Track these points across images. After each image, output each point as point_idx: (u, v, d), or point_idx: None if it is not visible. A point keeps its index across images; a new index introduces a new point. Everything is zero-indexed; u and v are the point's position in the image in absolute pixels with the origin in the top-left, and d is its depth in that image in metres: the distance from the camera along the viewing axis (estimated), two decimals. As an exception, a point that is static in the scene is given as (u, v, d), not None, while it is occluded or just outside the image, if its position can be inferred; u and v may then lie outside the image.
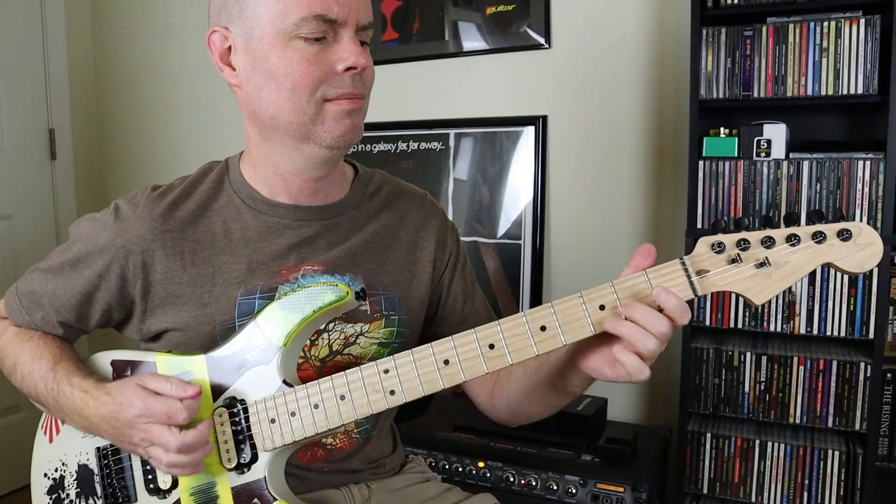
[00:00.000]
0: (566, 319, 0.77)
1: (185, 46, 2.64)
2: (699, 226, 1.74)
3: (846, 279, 1.63)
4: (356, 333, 0.96)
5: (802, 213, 1.66)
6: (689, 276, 0.75)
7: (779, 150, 1.69)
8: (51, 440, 0.99)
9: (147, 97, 2.74)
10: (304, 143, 0.88)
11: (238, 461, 0.86)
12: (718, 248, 0.75)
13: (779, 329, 1.70)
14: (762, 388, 1.72)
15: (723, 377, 1.75)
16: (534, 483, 1.73)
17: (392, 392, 0.81)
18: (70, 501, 0.96)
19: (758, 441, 1.73)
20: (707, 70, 1.71)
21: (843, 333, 1.64)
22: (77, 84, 2.73)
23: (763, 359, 1.71)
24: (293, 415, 0.84)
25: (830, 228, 0.73)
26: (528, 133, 2.16)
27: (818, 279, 1.64)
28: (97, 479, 0.94)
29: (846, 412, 1.65)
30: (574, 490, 1.69)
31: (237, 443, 0.86)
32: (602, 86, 2.08)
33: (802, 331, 1.67)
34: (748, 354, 1.72)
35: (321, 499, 0.98)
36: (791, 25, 1.65)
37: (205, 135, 2.64)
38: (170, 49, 2.67)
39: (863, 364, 1.63)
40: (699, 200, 1.74)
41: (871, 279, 1.60)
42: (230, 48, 0.89)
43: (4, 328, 1.01)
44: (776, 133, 1.70)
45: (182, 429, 0.82)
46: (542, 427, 1.73)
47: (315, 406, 0.83)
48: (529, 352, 0.78)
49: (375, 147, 2.35)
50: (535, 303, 2.15)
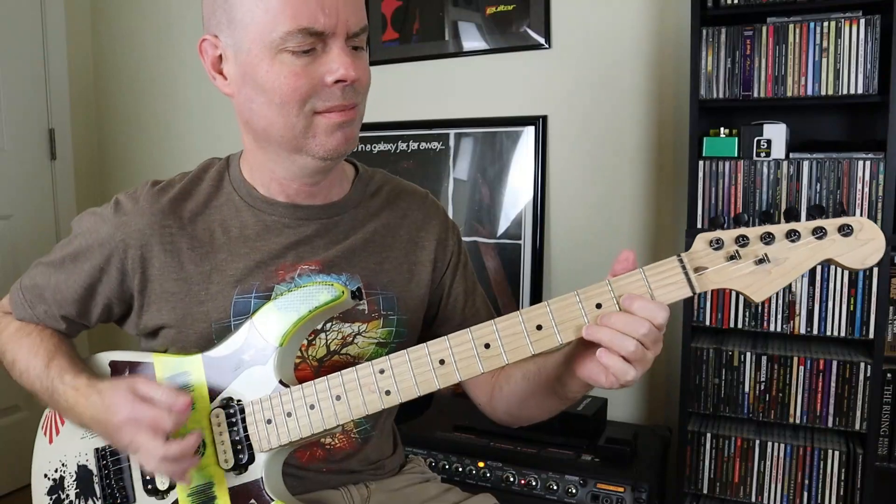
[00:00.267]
0: (562, 318, 0.76)
1: (185, 46, 2.64)
2: (699, 226, 1.73)
3: (846, 279, 1.62)
4: (354, 333, 0.95)
5: (803, 211, 1.65)
6: (687, 274, 0.74)
7: (779, 150, 1.69)
8: (51, 441, 0.99)
9: (147, 97, 2.74)
10: (297, 155, 0.88)
11: (235, 462, 0.86)
12: (717, 245, 0.74)
13: (779, 329, 1.69)
14: (762, 388, 1.71)
15: (723, 377, 1.75)
16: (534, 483, 1.72)
17: (388, 392, 0.81)
18: (70, 502, 0.96)
19: (758, 441, 1.72)
20: (707, 70, 1.71)
21: (843, 333, 1.64)
22: (77, 84, 2.73)
23: (763, 359, 1.71)
24: (289, 415, 0.83)
25: (831, 224, 0.72)
26: (528, 133, 2.16)
27: (818, 279, 1.64)
28: (96, 480, 0.93)
29: (846, 412, 1.64)
30: (574, 490, 1.68)
31: (234, 443, 0.86)
32: (602, 86, 2.08)
33: (802, 331, 1.67)
34: (748, 354, 1.72)
35: (320, 499, 0.98)
36: (791, 25, 1.64)
37: (204, 135, 2.64)
38: (169, 49, 2.67)
39: (863, 364, 1.62)
40: (699, 200, 1.73)
41: (871, 279, 1.60)
42: (221, 56, 0.87)
43: (7, 324, 1.01)
44: (776, 133, 1.69)
45: (171, 437, 0.81)
46: (543, 427, 1.71)
47: (311, 407, 0.83)
48: (525, 351, 0.77)
49: (375, 147, 2.35)
50: (535, 302, 2.14)
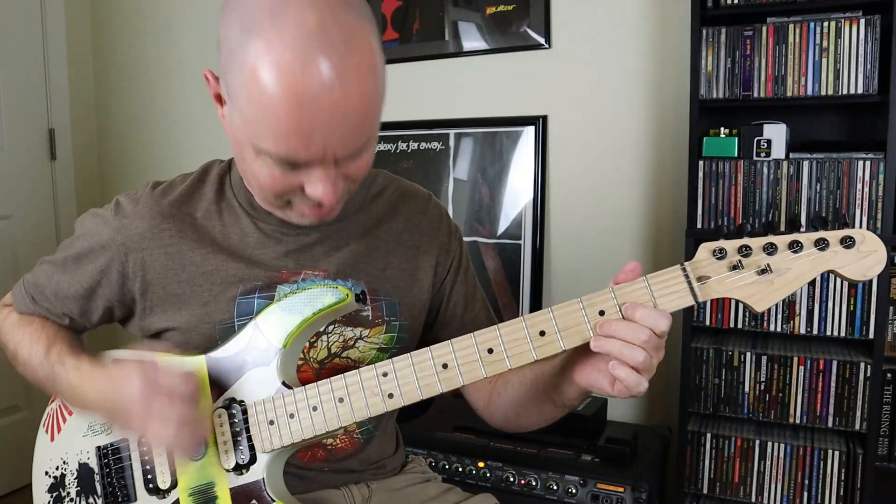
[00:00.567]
0: (565, 325, 0.76)
1: (185, 46, 2.64)
2: (699, 226, 1.74)
3: (846, 279, 1.62)
4: (355, 337, 0.95)
5: (803, 215, 1.66)
6: (690, 283, 0.75)
7: (779, 150, 1.69)
8: (52, 438, 0.99)
9: (147, 97, 2.74)
10: (280, 212, 0.88)
11: (236, 462, 0.86)
12: (720, 255, 0.74)
13: (779, 329, 1.69)
14: (762, 388, 1.72)
15: (723, 377, 1.75)
16: (534, 483, 1.73)
17: (390, 395, 0.81)
18: (70, 500, 0.96)
19: (758, 441, 1.73)
20: (707, 70, 1.71)
21: (843, 333, 1.64)
22: (77, 84, 2.73)
23: (763, 359, 1.71)
24: (292, 417, 0.84)
25: (833, 235, 0.72)
26: (528, 133, 2.16)
27: (818, 279, 1.64)
28: (97, 478, 0.93)
29: (846, 412, 1.65)
30: (574, 490, 1.69)
31: (236, 444, 0.86)
32: (602, 86, 2.08)
33: (802, 331, 1.67)
34: (748, 354, 1.72)
35: (321, 498, 0.98)
36: (791, 25, 1.64)
37: (204, 135, 2.64)
38: (169, 49, 2.67)
39: (863, 364, 1.63)
40: (699, 200, 1.73)
41: (872, 279, 1.60)
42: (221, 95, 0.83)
43: (7, 315, 1.02)
44: (776, 133, 1.69)
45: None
46: (543, 427, 1.73)
47: (314, 408, 0.83)
48: (528, 357, 0.77)
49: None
50: (535, 303, 2.15)
